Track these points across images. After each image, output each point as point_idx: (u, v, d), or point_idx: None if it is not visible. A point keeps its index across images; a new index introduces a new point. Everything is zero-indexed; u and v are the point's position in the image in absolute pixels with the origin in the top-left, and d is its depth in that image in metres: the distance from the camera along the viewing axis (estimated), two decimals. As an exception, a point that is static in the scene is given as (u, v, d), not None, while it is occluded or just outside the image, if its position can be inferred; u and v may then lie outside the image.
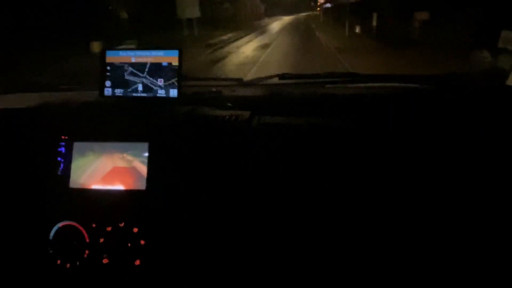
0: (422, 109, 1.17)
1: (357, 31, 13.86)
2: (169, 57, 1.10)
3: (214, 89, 1.41)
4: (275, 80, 1.55)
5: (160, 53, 1.11)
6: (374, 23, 12.09)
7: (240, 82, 1.55)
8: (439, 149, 0.98)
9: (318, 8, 37.82)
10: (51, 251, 0.95)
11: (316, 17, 32.19)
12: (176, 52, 1.10)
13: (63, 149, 1.02)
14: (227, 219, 0.96)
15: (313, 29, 20.86)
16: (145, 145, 0.98)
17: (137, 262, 0.93)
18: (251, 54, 11.09)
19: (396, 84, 1.41)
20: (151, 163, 0.97)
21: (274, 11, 45.92)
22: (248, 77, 1.63)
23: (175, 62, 1.10)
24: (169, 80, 1.10)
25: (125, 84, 1.12)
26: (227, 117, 1.07)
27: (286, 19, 38.24)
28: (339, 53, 9.93)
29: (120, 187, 0.98)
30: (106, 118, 1.08)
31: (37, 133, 1.07)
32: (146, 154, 0.98)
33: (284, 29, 23.49)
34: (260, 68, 8.21)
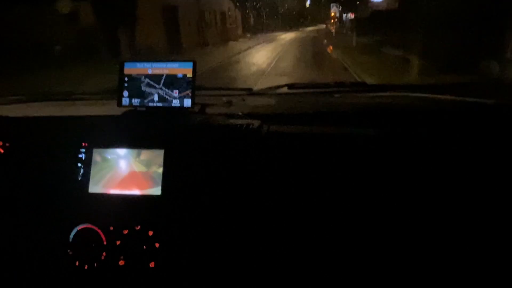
0: (430, 118, 1.20)
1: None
2: (184, 69, 1.16)
3: (224, 99, 1.47)
4: (285, 89, 1.59)
5: (175, 65, 1.17)
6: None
7: (249, 92, 1.60)
8: (448, 158, 1.00)
9: (332, 20, 24.53)
10: (70, 253, 1.00)
11: (340, 37, 16.24)
12: (190, 64, 1.16)
13: (83, 156, 1.07)
14: (239, 224, 1.00)
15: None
16: (161, 152, 1.03)
17: (152, 264, 0.97)
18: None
19: (405, 94, 1.44)
20: (166, 170, 1.02)
21: (267, 24, 27.96)
22: (258, 86, 1.67)
23: (190, 74, 1.16)
24: (184, 91, 1.16)
25: (142, 95, 1.18)
26: (238, 125, 1.12)
27: (282, 40, 20.61)
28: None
29: (136, 192, 1.02)
30: (124, 126, 1.14)
31: (59, 140, 1.13)
32: (162, 161, 1.03)
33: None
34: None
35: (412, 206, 0.97)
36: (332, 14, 24.99)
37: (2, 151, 1.16)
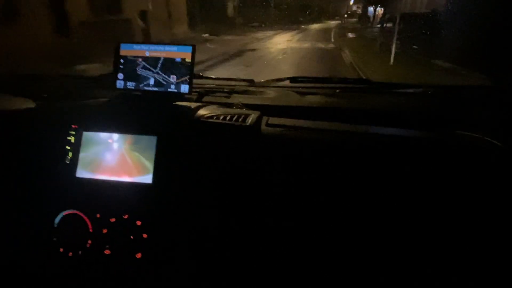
0: (429, 114, 1.16)
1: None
2: (182, 53, 1.11)
3: (225, 89, 1.42)
4: (287, 83, 1.55)
5: (173, 48, 1.11)
6: None
7: (251, 84, 1.55)
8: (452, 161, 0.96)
9: (346, 15, 21.44)
10: (54, 239, 0.96)
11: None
12: (189, 48, 1.11)
13: (72, 138, 1.02)
14: (231, 216, 0.96)
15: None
16: (154, 139, 0.99)
17: (139, 255, 0.93)
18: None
19: (406, 91, 1.40)
20: (159, 158, 0.97)
21: (251, 17, 19.68)
22: (260, 78, 1.62)
23: (188, 59, 1.10)
24: (181, 76, 1.10)
25: (138, 78, 1.12)
26: (237, 116, 1.07)
27: (258, 55, 9.90)
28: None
29: (126, 179, 0.98)
30: (116, 110, 1.09)
31: (47, 120, 1.08)
32: (154, 148, 0.98)
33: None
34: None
35: (415, 207, 0.93)
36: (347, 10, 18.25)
37: None
